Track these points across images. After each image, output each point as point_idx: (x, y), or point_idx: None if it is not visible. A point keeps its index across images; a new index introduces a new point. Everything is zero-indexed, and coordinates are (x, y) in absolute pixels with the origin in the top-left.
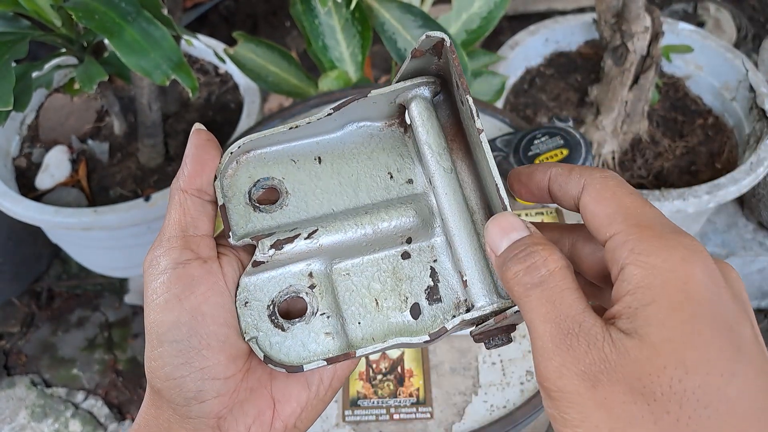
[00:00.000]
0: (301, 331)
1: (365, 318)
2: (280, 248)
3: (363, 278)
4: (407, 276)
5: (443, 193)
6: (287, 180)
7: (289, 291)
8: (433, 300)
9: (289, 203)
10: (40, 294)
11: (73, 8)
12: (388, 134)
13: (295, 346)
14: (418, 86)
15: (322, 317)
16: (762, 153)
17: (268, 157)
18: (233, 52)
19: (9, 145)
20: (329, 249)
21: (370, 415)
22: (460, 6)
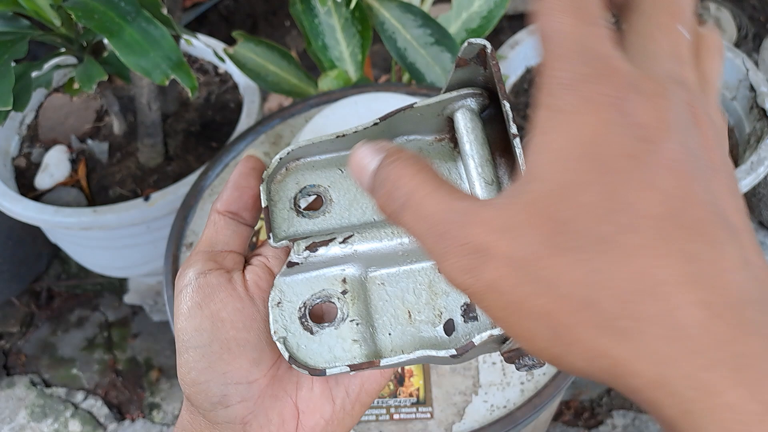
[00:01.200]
0: (329, 336)
1: (396, 329)
2: (314, 250)
3: (397, 289)
4: (443, 291)
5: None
6: (332, 188)
7: (322, 295)
8: (469, 318)
9: (331, 210)
10: (39, 294)
11: (72, 8)
12: (437, 149)
13: (321, 350)
14: (464, 97)
15: (351, 324)
16: (762, 152)
17: (317, 164)
18: (233, 51)
19: (8, 145)
20: (364, 256)
21: (370, 415)
22: (460, 5)
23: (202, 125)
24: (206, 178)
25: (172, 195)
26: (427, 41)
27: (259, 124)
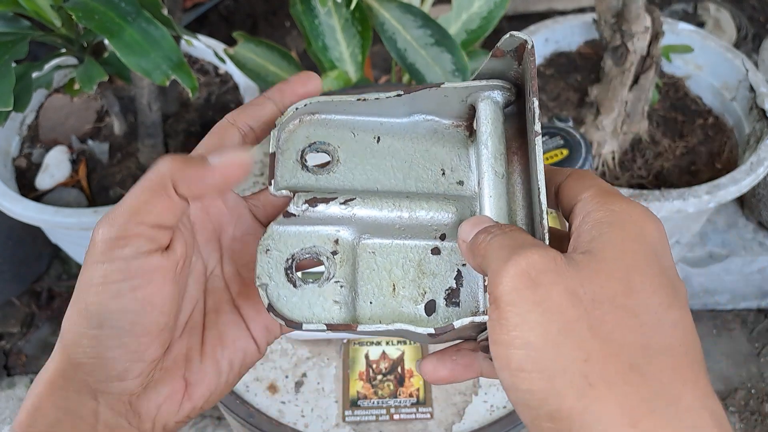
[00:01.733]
0: (312, 292)
1: (378, 299)
2: (314, 205)
3: (387, 261)
4: (432, 271)
5: (488, 195)
6: (342, 149)
7: (311, 251)
8: (451, 302)
9: (337, 171)
10: (40, 294)
11: (73, 8)
12: (452, 133)
13: (301, 304)
14: (492, 89)
15: (335, 285)
16: (762, 153)
17: (330, 123)
18: (233, 52)
19: (9, 146)
20: (361, 221)
21: (370, 416)
22: (460, 6)
23: (202, 126)
24: None
25: None
26: (427, 42)
27: None
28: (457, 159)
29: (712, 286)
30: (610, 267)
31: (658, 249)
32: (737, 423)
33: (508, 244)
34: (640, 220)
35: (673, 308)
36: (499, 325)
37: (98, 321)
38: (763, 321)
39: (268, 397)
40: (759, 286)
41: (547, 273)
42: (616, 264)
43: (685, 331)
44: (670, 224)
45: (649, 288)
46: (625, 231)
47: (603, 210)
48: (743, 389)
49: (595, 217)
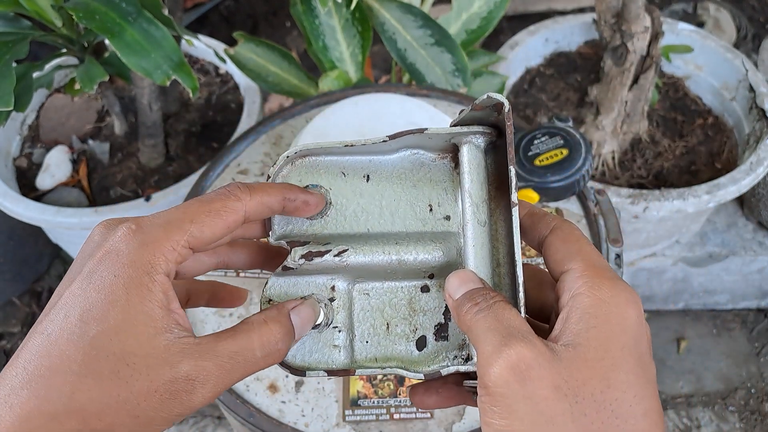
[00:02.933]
0: (312, 339)
1: (373, 338)
2: (310, 259)
3: (380, 301)
4: (422, 309)
5: (471, 244)
6: (333, 191)
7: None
8: (440, 337)
9: (329, 214)
10: (40, 294)
11: (73, 8)
12: (438, 166)
13: (303, 351)
14: (474, 134)
15: (334, 330)
16: (762, 153)
17: (321, 165)
18: (233, 52)
19: (9, 145)
20: (354, 269)
21: (371, 415)
22: (460, 6)
23: (202, 126)
24: (207, 179)
25: (173, 195)
26: (427, 42)
27: (259, 124)
28: (444, 193)
29: (712, 286)
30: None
31: (636, 337)
32: (737, 422)
33: (495, 328)
34: (623, 308)
35: (645, 399)
36: (491, 411)
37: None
38: (762, 321)
39: (268, 396)
40: (759, 285)
41: (535, 368)
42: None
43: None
44: (669, 224)
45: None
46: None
47: (591, 297)
48: (743, 389)
49: (582, 306)
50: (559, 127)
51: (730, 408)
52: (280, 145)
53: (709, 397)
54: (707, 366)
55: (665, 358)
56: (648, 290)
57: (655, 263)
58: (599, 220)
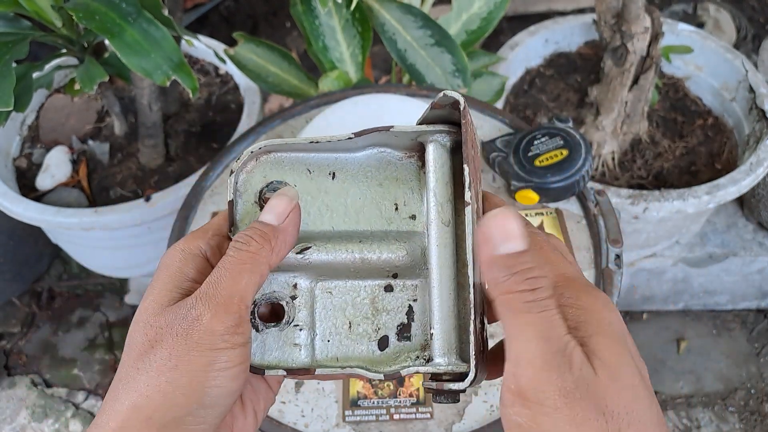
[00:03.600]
0: (273, 336)
1: (334, 337)
2: None
3: (342, 300)
4: (384, 308)
5: (435, 244)
6: (298, 188)
7: (272, 296)
8: (402, 337)
9: None
10: (40, 294)
11: (73, 9)
12: (405, 165)
13: (263, 348)
14: (440, 132)
15: (295, 328)
16: (761, 153)
17: (286, 161)
18: (233, 52)
19: (9, 146)
20: (317, 266)
21: (371, 415)
22: (460, 6)
23: (202, 126)
24: (207, 179)
25: (173, 195)
26: (427, 42)
27: (259, 124)
28: (410, 192)
29: (712, 286)
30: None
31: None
32: (737, 423)
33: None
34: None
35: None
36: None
37: (213, 401)
38: (762, 321)
39: None
40: (758, 286)
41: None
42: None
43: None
44: (669, 224)
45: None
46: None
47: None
48: (743, 389)
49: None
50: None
51: (729, 408)
52: None
53: (708, 398)
54: (707, 366)
55: (665, 358)
56: (648, 291)
57: (655, 264)
58: (599, 220)
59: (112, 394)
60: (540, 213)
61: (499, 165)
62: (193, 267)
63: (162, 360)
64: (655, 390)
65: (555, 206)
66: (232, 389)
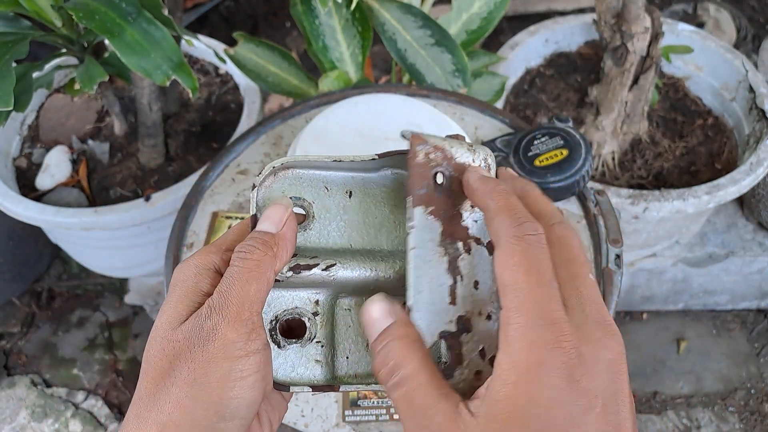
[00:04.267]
0: (295, 352)
1: (354, 354)
2: (297, 272)
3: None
4: None
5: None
6: (316, 204)
7: (294, 312)
8: None
9: (313, 228)
10: (40, 294)
11: (73, 9)
12: None
13: (285, 365)
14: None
15: (317, 345)
16: (762, 153)
17: (305, 178)
18: (233, 52)
19: (9, 146)
20: (340, 283)
21: (370, 415)
22: (460, 6)
23: (202, 126)
24: (207, 179)
25: (173, 195)
26: (427, 42)
27: (259, 124)
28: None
29: (712, 286)
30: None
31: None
32: (737, 423)
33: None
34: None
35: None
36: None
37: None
38: (762, 321)
39: None
40: (758, 286)
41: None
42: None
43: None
44: (669, 224)
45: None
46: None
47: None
48: (743, 389)
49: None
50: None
51: (729, 408)
52: (280, 145)
53: (708, 398)
54: (707, 366)
55: (665, 358)
56: (648, 291)
57: (655, 264)
58: (599, 220)
59: (134, 412)
60: None
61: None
62: (207, 282)
63: (182, 375)
64: (655, 390)
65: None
66: (252, 399)
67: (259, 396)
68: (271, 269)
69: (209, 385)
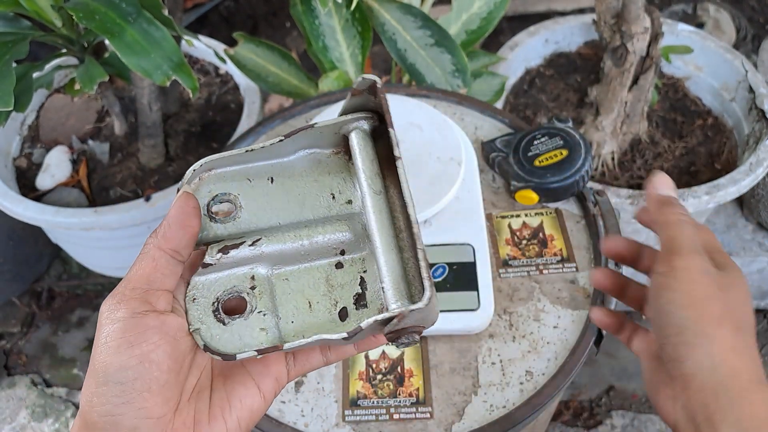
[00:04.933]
0: (240, 326)
1: (298, 318)
2: (226, 252)
3: (299, 283)
4: (339, 283)
5: (371, 212)
6: (242, 196)
7: (233, 291)
8: (360, 305)
9: (241, 216)
10: (40, 294)
11: (73, 9)
12: (334, 161)
13: (232, 338)
14: (358, 120)
15: (259, 315)
16: (761, 154)
17: (227, 175)
18: (233, 52)
19: (9, 146)
20: (270, 256)
21: (370, 415)
22: (460, 6)
23: (202, 126)
24: None
25: (173, 195)
26: (427, 42)
27: (259, 125)
28: (343, 182)
29: None
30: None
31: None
32: None
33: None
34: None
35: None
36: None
37: (103, 378)
38: (761, 321)
39: None
40: (758, 286)
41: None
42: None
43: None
44: None
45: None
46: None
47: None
48: None
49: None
50: (558, 127)
51: None
52: None
53: None
54: None
55: None
56: None
57: None
58: (599, 220)
59: None
60: (540, 213)
61: (498, 165)
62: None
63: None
64: None
65: (555, 206)
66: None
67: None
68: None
69: (91, 357)
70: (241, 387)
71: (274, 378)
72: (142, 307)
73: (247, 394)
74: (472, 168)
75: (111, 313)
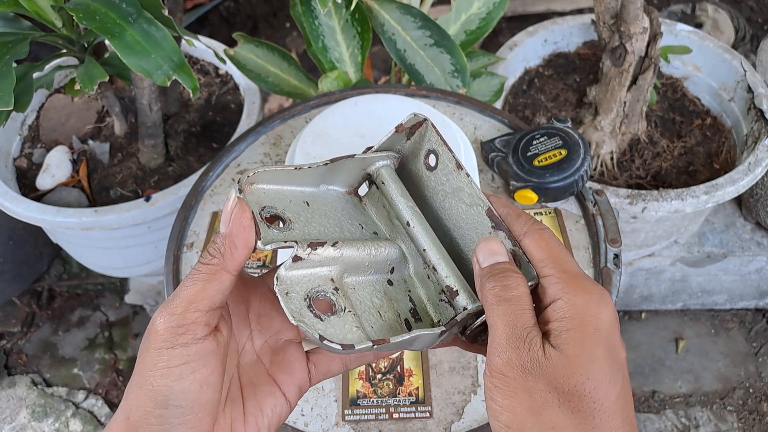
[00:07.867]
0: (336, 323)
1: (375, 324)
2: (315, 249)
3: (364, 293)
4: (394, 297)
5: (423, 231)
6: (287, 211)
7: (318, 290)
8: (417, 318)
9: (294, 228)
10: (40, 294)
11: (74, 9)
12: (348, 199)
13: (335, 334)
14: (387, 158)
15: (349, 314)
16: (760, 153)
17: (268, 192)
18: (233, 52)
19: (10, 146)
20: (346, 260)
21: (370, 414)
22: (459, 7)
23: (202, 126)
24: (207, 179)
25: (173, 195)
26: (426, 42)
27: (259, 125)
28: (362, 216)
29: (710, 286)
30: (574, 362)
31: (608, 331)
32: (735, 422)
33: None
34: (596, 312)
35: (617, 383)
36: (496, 390)
37: (164, 401)
38: (760, 321)
39: None
40: (757, 285)
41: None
42: (577, 359)
43: (624, 400)
44: (668, 224)
45: (600, 373)
46: (584, 327)
47: (567, 303)
48: (741, 388)
49: (561, 312)
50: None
51: (728, 408)
52: (280, 145)
53: (707, 397)
54: (705, 366)
55: (664, 357)
56: (646, 290)
57: (653, 263)
58: (598, 220)
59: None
60: (539, 213)
61: (498, 165)
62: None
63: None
64: (654, 389)
65: (554, 206)
66: (183, 389)
67: (193, 386)
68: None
69: (144, 374)
70: (270, 396)
71: (297, 385)
72: (203, 332)
73: (276, 402)
74: (471, 168)
75: (172, 337)
